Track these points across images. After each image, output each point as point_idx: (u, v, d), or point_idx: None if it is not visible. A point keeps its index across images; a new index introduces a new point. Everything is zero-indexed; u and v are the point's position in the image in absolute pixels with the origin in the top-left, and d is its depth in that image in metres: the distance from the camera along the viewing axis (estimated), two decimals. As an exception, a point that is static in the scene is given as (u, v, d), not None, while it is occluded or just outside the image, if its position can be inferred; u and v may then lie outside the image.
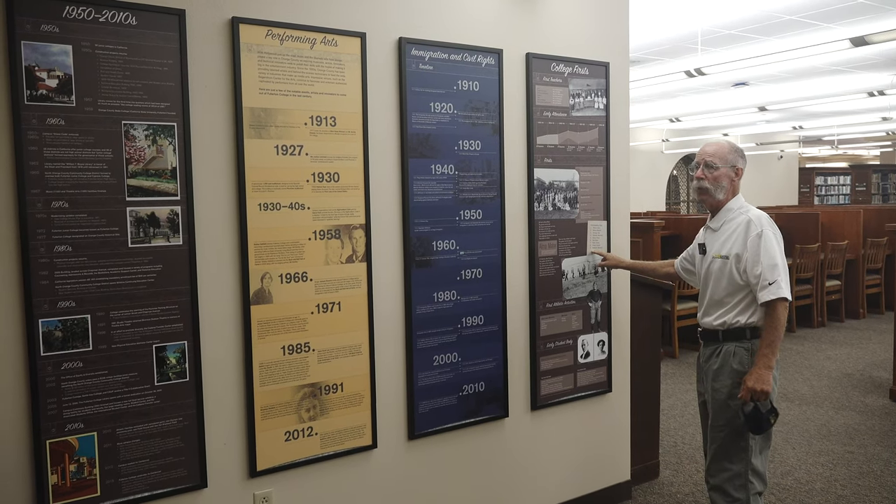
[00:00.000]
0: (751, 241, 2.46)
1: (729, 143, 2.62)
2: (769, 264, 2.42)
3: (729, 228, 2.56)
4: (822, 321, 7.73)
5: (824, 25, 6.86)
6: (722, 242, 2.56)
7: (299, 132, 2.37)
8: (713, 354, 2.58)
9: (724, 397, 2.52)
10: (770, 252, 2.43)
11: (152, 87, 2.11)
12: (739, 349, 2.51)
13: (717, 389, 2.54)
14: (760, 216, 2.51)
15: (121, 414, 2.11)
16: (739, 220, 2.54)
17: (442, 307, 2.72)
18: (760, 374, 2.39)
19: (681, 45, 7.69)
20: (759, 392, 2.38)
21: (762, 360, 2.40)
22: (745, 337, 2.51)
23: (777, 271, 2.41)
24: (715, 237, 2.61)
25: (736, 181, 2.61)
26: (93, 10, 2.01)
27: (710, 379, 2.58)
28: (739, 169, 2.61)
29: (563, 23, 3.01)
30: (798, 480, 3.64)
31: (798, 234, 7.62)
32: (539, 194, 2.94)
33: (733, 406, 2.48)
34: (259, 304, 2.33)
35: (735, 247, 2.50)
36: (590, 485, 3.24)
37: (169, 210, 2.15)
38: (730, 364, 2.51)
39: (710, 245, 2.62)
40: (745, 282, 2.48)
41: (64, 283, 2.01)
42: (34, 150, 1.95)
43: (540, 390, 3.01)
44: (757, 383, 2.38)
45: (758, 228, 2.46)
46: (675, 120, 14.10)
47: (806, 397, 5.11)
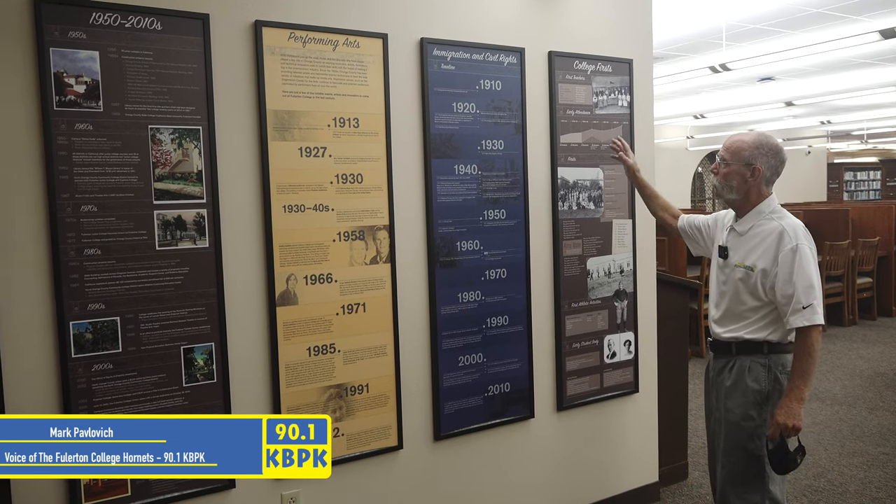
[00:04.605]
0: (783, 255, 2.17)
1: (756, 136, 2.29)
2: (805, 285, 2.13)
3: (757, 235, 2.27)
4: (854, 319, 7.59)
5: (852, 17, 6.72)
6: (748, 250, 2.28)
7: (322, 134, 2.38)
8: (725, 369, 2.34)
9: (737, 418, 2.28)
10: (806, 271, 2.15)
11: (177, 91, 2.13)
12: (755, 364, 2.26)
13: (730, 409, 2.30)
14: (796, 226, 2.22)
15: (150, 415, 2.13)
16: (770, 227, 2.25)
17: (467, 307, 2.71)
18: (792, 409, 2.13)
19: (705, 40, 7.59)
20: (791, 428, 2.13)
21: (794, 392, 2.14)
22: (762, 351, 2.26)
23: (813, 293, 2.13)
24: (740, 242, 2.32)
25: (752, 182, 2.26)
26: (119, 16, 2.04)
27: (722, 396, 2.35)
28: (757, 169, 2.25)
29: (586, 20, 2.99)
30: (831, 482, 3.57)
31: (828, 231, 7.49)
32: (563, 193, 2.92)
33: (747, 428, 2.25)
34: (285, 306, 2.34)
35: (763, 259, 2.22)
36: (617, 486, 3.21)
37: (195, 213, 2.17)
38: (744, 381, 2.27)
39: (734, 250, 2.33)
40: (769, 299, 2.22)
41: (93, 285, 2.04)
42: (63, 156, 1.99)
43: (566, 391, 2.99)
44: (788, 418, 2.13)
45: (792, 241, 2.17)
46: (699, 116, 13.94)
47: (838, 397, 5.02)
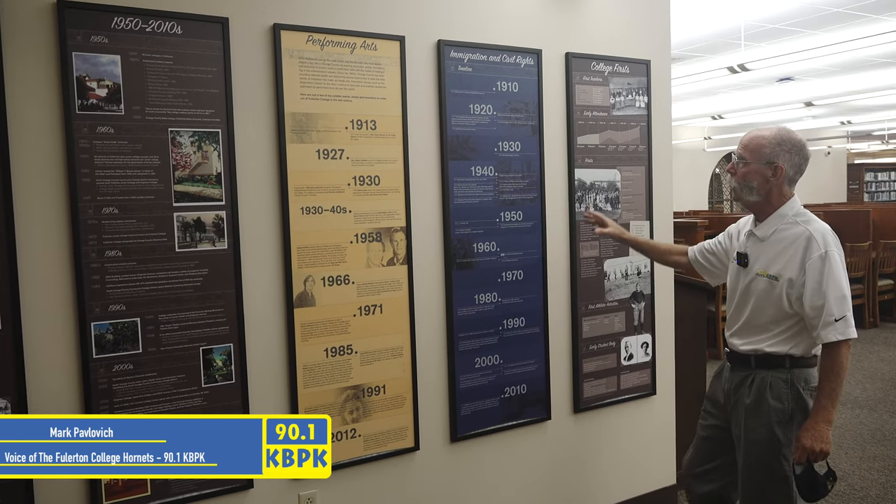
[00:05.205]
0: (811, 263, 2.01)
1: (777, 131, 2.10)
2: (837, 296, 1.98)
3: (781, 241, 2.09)
4: (875, 322, 7.50)
5: (873, 17, 6.64)
6: (772, 258, 2.10)
7: (340, 136, 2.39)
8: (744, 384, 2.17)
9: (761, 438, 2.11)
10: (837, 280, 1.99)
11: (197, 94, 2.15)
12: (776, 380, 2.10)
13: (753, 429, 2.13)
14: (825, 231, 2.05)
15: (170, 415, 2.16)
16: (795, 232, 2.07)
17: (483, 309, 2.71)
18: (819, 431, 1.98)
19: (723, 40, 7.54)
20: (818, 453, 1.99)
21: (821, 413, 1.99)
22: (784, 366, 2.10)
23: (846, 305, 1.99)
24: (761, 249, 2.14)
25: (775, 183, 2.09)
26: (140, 20, 2.06)
27: (741, 414, 2.17)
28: (780, 167, 2.07)
29: (603, 21, 2.98)
30: (852, 486, 3.53)
31: (849, 233, 7.41)
32: (580, 195, 2.91)
33: (772, 449, 2.10)
34: (302, 307, 2.35)
35: (789, 268, 2.05)
36: (634, 489, 3.19)
37: (214, 215, 2.19)
38: (766, 400, 2.10)
39: (755, 257, 2.15)
40: (795, 311, 2.06)
41: (114, 287, 2.07)
42: (85, 158, 2.01)
43: (583, 393, 2.98)
44: (816, 442, 1.98)
45: (821, 248, 2.01)
46: (717, 117, 13.83)
47: (859, 400, 4.96)
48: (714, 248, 2.43)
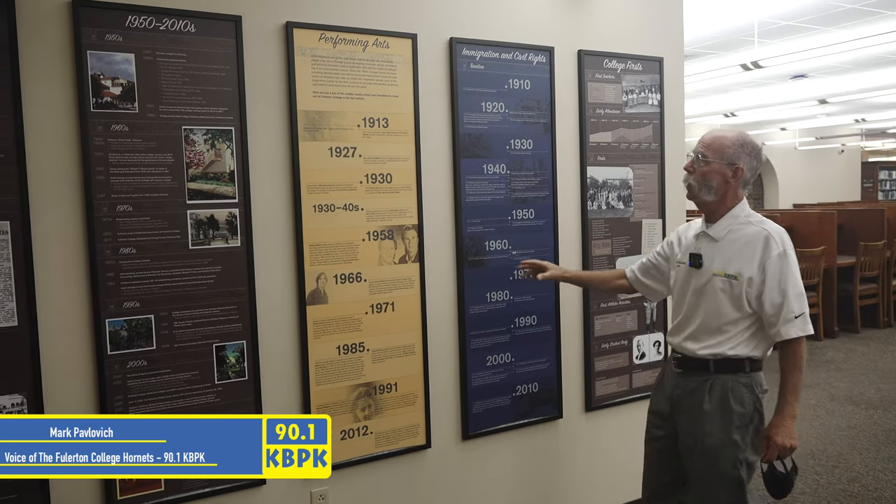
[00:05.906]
0: (771, 262, 2.03)
1: (739, 134, 2.11)
2: (796, 293, 2.02)
3: (737, 241, 2.10)
4: (889, 321, 7.43)
5: (888, 13, 6.58)
6: (728, 258, 2.09)
7: (352, 134, 2.40)
8: (701, 389, 2.12)
9: (718, 443, 2.07)
10: (795, 278, 2.03)
11: (210, 92, 2.16)
12: (737, 384, 2.08)
13: (710, 434, 2.08)
14: (780, 231, 2.08)
15: (184, 412, 2.16)
16: (751, 232, 2.09)
17: (495, 307, 2.71)
18: (788, 428, 2.02)
19: (736, 37, 7.48)
20: (788, 449, 2.03)
21: (787, 409, 2.02)
22: (744, 370, 2.09)
23: (804, 302, 2.03)
24: (716, 249, 2.12)
25: (733, 184, 2.10)
26: (154, 18, 2.07)
27: (698, 420, 2.11)
28: (740, 169, 2.08)
29: (615, 18, 2.96)
30: (865, 487, 3.50)
31: (863, 231, 7.34)
32: (592, 193, 2.91)
33: (730, 454, 2.06)
34: (315, 305, 2.36)
35: (748, 267, 2.06)
36: (646, 488, 3.18)
37: (228, 212, 2.20)
38: (728, 404, 2.07)
39: (710, 258, 2.13)
40: (753, 309, 2.07)
41: (129, 284, 2.08)
42: (100, 156, 2.02)
43: (594, 391, 2.97)
44: (787, 438, 2.01)
45: (779, 247, 2.03)
46: (729, 115, 13.73)
47: (873, 401, 4.91)
48: (656, 261, 2.40)
